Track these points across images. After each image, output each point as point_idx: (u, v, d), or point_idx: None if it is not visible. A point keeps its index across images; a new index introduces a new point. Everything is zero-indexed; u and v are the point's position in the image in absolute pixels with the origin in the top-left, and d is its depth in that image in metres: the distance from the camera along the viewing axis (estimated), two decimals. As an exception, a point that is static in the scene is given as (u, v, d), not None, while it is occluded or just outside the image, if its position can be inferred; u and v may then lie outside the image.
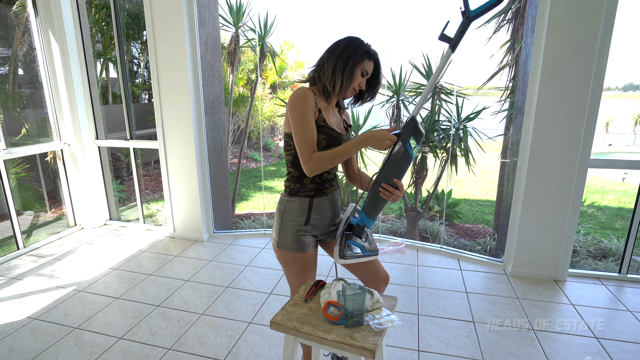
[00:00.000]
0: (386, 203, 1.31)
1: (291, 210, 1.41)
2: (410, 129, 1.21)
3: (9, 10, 3.51)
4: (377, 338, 1.09)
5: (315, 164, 1.29)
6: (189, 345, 1.99)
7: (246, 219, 5.49)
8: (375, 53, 1.36)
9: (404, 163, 1.23)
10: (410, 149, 1.21)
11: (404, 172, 1.26)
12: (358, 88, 1.37)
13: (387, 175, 1.24)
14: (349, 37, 1.36)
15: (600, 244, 3.90)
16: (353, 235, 1.34)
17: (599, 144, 10.87)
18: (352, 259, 1.34)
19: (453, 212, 5.00)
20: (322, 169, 1.30)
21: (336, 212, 1.50)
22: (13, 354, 1.93)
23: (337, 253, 1.33)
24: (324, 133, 1.34)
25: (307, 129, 1.29)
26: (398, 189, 1.25)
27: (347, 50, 1.32)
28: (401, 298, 2.44)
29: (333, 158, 1.28)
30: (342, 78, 1.31)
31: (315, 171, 1.30)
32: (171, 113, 3.15)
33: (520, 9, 3.95)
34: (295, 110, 1.30)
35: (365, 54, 1.33)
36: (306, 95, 1.31)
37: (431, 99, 4.02)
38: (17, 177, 3.53)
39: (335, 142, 1.36)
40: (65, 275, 2.74)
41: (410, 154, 1.22)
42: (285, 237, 1.42)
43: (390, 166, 1.23)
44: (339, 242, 1.34)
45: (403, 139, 1.20)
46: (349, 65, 1.31)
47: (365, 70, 1.34)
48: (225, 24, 4.89)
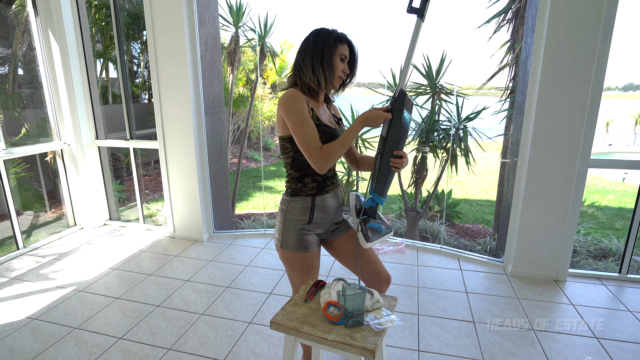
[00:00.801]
0: (392, 178, 1.36)
1: (294, 210, 1.41)
2: (401, 101, 1.27)
3: (9, 10, 3.51)
4: (377, 338, 1.09)
5: (325, 159, 1.29)
6: (189, 345, 1.99)
7: (246, 219, 5.49)
8: (344, 35, 1.36)
9: (403, 134, 1.30)
10: (406, 121, 1.29)
11: (404, 142, 1.33)
12: (343, 74, 1.37)
13: (391, 149, 1.29)
14: (313, 31, 1.36)
15: (601, 244, 3.90)
16: (369, 218, 1.38)
17: (599, 144, 10.87)
18: (377, 240, 1.37)
19: (453, 212, 5.00)
20: (332, 162, 1.30)
21: (339, 209, 1.50)
22: (13, 354, 1.93)
23: (362, 239, 1.35)
24: (320, 131, 1.34)
25: (307, 128, 1.29)
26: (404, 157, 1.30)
27: (317, 44, 1.32)
28: (401, 298, 2.44)
29: (339, 148, 1.29)
30: (324, 72, 1.32)
31: (327, 166, 1.30)
32: (171, 113, 3.15)
33: (520, 9, 3.95)
34: (290, 112, 1.30)
35: (337, 40, 1.33)
36: (297, 96, 1.32)
37: (431, 99, 4.02)
38: (17, 177, 3.53)
39: (331, 138, 1.36)
40: (65, 275, 2.74)
41: (407, 124, 1.30)
42: (288, 236, 1.42)
43: (391, 140, 1.29)
44: (360, 229, 1.36)
45: (397, 113, 1.27)
46: (325, 57, 1.31)
47: (343, 55, 1.35)
48: (225, 24, 4.89)
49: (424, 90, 4.03)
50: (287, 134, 1.37)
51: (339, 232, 1.53)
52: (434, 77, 3.94)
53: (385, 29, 3.86)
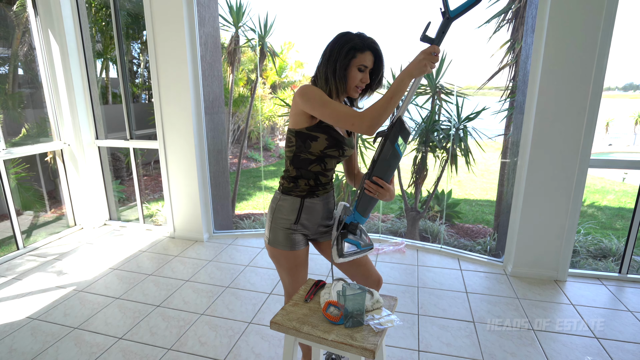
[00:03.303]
0: (376, 202, 1.33)
1: (282, 209, 1.41)
2: (397, 128, 1.23)
3: (9, 10, 3.51)
4: (377, 338, 1.09)
5: (370, 120, 1.19)
6: (189, 345, 1.99)
7: (246, 219, 5.49)
8: (367, 42, 1.29)
9: (393, 161, 1.26)
10: (398, 148, 1.24)
11: (393, 170, 1.29)
12: (362, 84, 1.32)
13: (375, 173, 1.27)
14: (336, 35, 1.32)
15: (601, 244, 3.90)
16: (348, 232, 1.36)
17: (599, 144, 10.86)
18: (351, 256, 1.36)
19: (453, 212, 5.00)
20: (378, 122, 1.19)
21: (328, 214, 1.49)
22: (13, 354, 1.93)
23: (335, 253, 1.35)
24: (326, 133, 1.33)
25: (334, 104, 1.24)
26: (383, 187, 1.26)
27: (332, 54, 1.29)
28: (401, 298, 2.44)
29: (385, 104, 1.18)
30: (336, 84, 1.29)
31: (373, 124, 1.19)
32: (171, 113, 3.15)
33: (520, 9, 3.95)
34: (311, 97, 1.26)
35: (352, 50, 1.27)
36: (314, 86, 1.31)
37: (431, 99, 4.02)
38: (17, 177, 3.53)
39: (336, 144, 1.35)
40: (65, 275, 2.74)
41: (399, 152, 1.25)
42: (276, 234, 1.42)
43: (380, 165, 1.26)
44: (335, 243, 1.35)
45: (391, 139, 1.23)
46: (337, 69, 1.28)
47: (362, 65, 1.29)
48: (225, 23, 4.89)
49: (424, 90, 4.03)
50: (296, 127, 1.34)
51: (329, 235, 1.52)
52: (434, 77, 3.94)
53: (389, 29, 3.86)
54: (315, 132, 1.33)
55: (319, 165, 1.38)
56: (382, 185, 1.27)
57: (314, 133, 1.33)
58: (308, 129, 1.33)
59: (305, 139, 1.34)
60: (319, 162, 1.37)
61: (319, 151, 1.35)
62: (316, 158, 1.36)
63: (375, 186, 1.26)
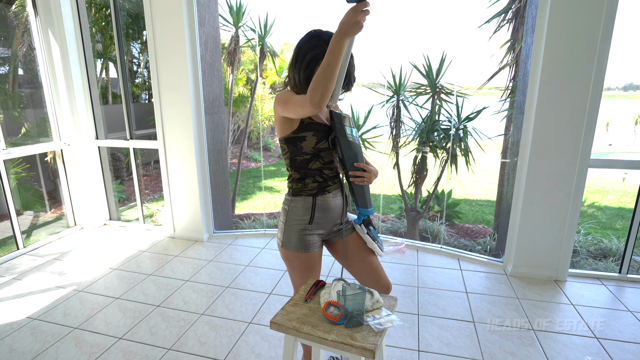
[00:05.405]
0: (367, 188, 1.44)
1: (296, 210, 1.42)
2: (337, 122, 1.34)
3: (9, 10, 3.51)
4: (377, 338, 1.09)
5: (312, 95, 1.12)
6: (189, 346, 1.99)
7: (246, 219, 5.48)
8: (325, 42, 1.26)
9: (355, 148, 1.37)
10: (350, 135, 1.36)
11: (361, 153, 1.41)
12: None
13: (349, 166, 1.37)
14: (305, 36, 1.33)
15: (601, 244, 3.90)
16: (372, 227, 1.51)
17: (599, 144, 10.86)
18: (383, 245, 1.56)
19: (453, 212, 5.00)
20: (322, 94, 1.11)
21: (342, 209, 1.49)
22: (13, 354, 1.93)
23: (378, 251, 1.50)
24: (311, 130, 1.35)
25: (292, 98, 1.27)
26: (365, 170, 1.36)
27: (297, 61, 1.33)
28: (401, 298, 2.44)
29: (323, 73, 1.10)
30: (304, 89, 1.32)
31: (317, 99, 1.12)
32: (171, 113, 3.15)
33: (520, 9, 3.95)
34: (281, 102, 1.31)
35: (313, 61, 1.29)
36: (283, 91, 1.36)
37: (431, 99, 4.02)
38: (17, 177, 3.53)
39: (325, 136, 1.38)
40: (65, 275, 2.74)
41: (353, 137, 1.37)
42: (290, 236, 1.42)
43: (348, 158, 1.36)
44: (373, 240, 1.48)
45: (340, 134, 1.33)
46: (301, 78, 1.32)
47: None
48: (225, 24, 4.89)
49: (424, 90, 4.02)
50: (284, 135, 1.38)
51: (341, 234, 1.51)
52: (434, 77, 3.94)
53: (385, 28, 3.84)
54: (301, 133, 1.36)
55: (318, 161, 1.40)
56: (364, 169, 1.36)
57: (300, 134, 1.36)
58: (294, 132, 1.36)
59: (295, 143, 1.37)
60: (317, 159, 1.39)
61: (312, 148, 1.37)
62: (312, 156, 1.38)
63: (359, 172, 1.36)
